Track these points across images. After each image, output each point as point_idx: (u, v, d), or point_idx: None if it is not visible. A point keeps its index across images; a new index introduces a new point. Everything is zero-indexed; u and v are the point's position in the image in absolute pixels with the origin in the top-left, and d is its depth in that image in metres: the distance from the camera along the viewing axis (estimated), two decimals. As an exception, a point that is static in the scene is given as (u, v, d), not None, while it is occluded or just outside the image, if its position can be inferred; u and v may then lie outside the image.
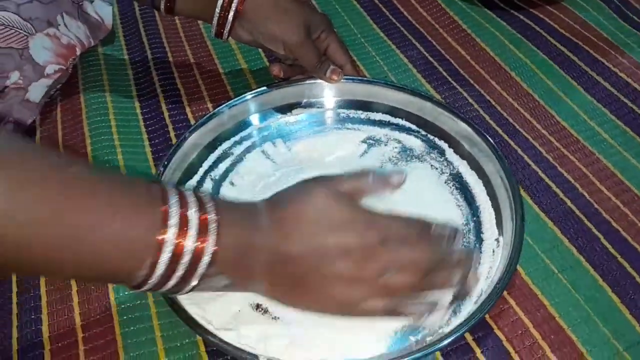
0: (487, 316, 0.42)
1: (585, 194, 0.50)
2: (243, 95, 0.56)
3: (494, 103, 0.59)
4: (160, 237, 0.32)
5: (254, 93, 0.56)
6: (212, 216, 0.34)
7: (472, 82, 0.62)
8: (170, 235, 0.32)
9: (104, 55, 0.67)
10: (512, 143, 0.55)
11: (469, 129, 0.51)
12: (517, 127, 0.57)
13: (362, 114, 0.57)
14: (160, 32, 0.70)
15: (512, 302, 0.43)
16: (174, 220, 0.32)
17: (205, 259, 0.33)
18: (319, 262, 0.36)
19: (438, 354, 0.40)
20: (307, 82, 0.57)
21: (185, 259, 0.32)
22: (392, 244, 0.37)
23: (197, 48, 0.68)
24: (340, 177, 0.40)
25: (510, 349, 0.40)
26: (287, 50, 0.54)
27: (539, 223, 0.48)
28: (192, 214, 0.33)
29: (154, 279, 0.33)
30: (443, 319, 0.40)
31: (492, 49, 0.66)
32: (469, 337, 0.41)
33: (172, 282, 0.33)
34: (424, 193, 0.48)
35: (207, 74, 0.64)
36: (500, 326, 0.42)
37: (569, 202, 0.50)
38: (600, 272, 0.45)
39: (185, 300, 0.40)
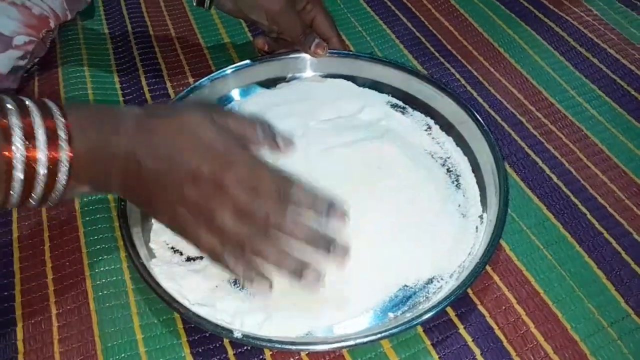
0: (470, 292, 0.41)
1: (572, 170, 0.49)
2: (225, 69, 0.54)
3: (481, 79, 0.58)
4: (6, 153, 0.30)
5: (236, 67, 0.55)
6: (59, 121, 0.32)
7: (459, 57, 0.61)
8: (17, 149, 0.30)
9: (84, 29, 0.65)
10: (498, 119, 0.54)
11: (456, 105, 0.50)
12: (505, 103, 0.56)
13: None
14: (141, 5, 0.68)
15: (496, 277, 0.42)
16: (17, 131, 0.30)
17: (63, 169, 0.32)
18: (168, 180, 0.34)
19: (420, 329, 0.40)
20: (292, 56, 0.56)
21: (41, 172, 0.31)
22: (242, 186, 0.35)
23: (178, 22, 0.66)
24: (230, 113, 0.39)
25: (494, 325, 0.40)
26: (270, 19, 0.52)
27: (525, 199, 0.47)
28: (37, 122, 0.31)
29: (13, 199, 0.31)
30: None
31: (480, 25, 0.65)
32: (452, 313, 0.40)
33: (33, 200, 0.32)
34: (409, 168, 0.47)
35: (189, 48, 0.62)
36: (484, 302, 0.41)
37: (555, 178, 0.49)
38: (586, 248, 0.44)
39: (161, 275, 0.39)
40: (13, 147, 0.30)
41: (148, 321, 0.40)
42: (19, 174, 0.31)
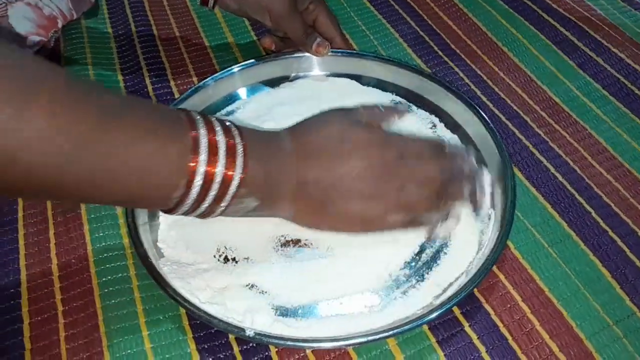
0: (476, 290, 0.41)
1: (577, 169, 0.49)
2: (229, 68, 0.54)
3: (485, 78, 0.58)
4: (192, 164, 0.33)
5: (241, 66, 0.55)
6: (238, 141, 0.35)
7: (463, 57, 0.61)
8: (201, 161, 0.33)
9: (87, 28, 0.65)
10: (503, 118, 0.54)
11: (461, 103, 0.50)
12: (509, 102, 0.56)
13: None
14: (144, 5, 0.68)
15: (501, 276, 0.42)
16: (203, 146, 0.33)
17: (235, 182, 0.34)
18: (338, 182, 0.38)
19: (426, 327, 0.40)
20: (295, 55, 0.56)
21: (216, 183, 0.33)
22: (408, 161, 0.40)
23: (182, 21, 0.66)
24: (356, 108, 0.44)
25: (499, 323, 0.40)
26: (273, 20, 0.52)
27: (530, 197, 0.47)
28: (220, 140, 0.34)
29: (187, 203, 0.34)
30: (454, 227, 0.42)
31: (484, 24, 0.65)
32: (457, 311, 0.40)
33: (204, 205, 0.34)
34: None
35: (193, 47, 0.63)
36: (489, 300, 0.41)
37: (560, 177, 0.49)
38: (590, 246, 0.44)
39: (171, 274, 0.39)
40: (199, 159, 0.33)
41: (154, 318, 0.40)
42: (197, 187, 0.33)
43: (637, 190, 0.48)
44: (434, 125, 0.51)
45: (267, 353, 0.38)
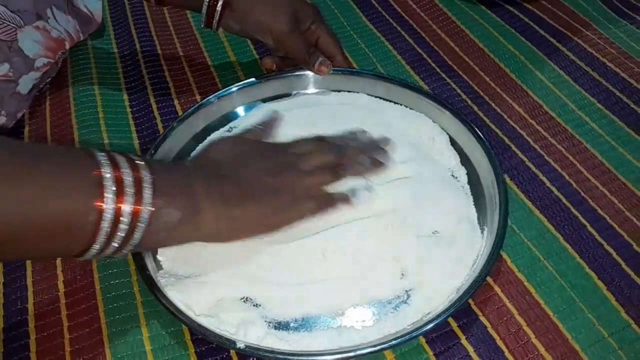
0: (472, 303, 0.42)
1: (572, 183, 0.50)
2: (231, 87, 0.56)
3: (482, 94, 0.59)
4: (98, 203, 0.32)
5: (243, 84, 0.56)
6: (145, 173, 0.35)
7: (460, 73, 0.62)
8: (108, 200, 0.32)
9: (93, 48, 0.67)
10: (499, 132, 0.55)
11: (456, 119, 0.51)
12: (505, 117, 0.57)
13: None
14: (149, 26, 0.70)
15: (497, 289, 0.43)
16: (109, 183, 0.32)
17: (144, 214, 0.34)
18: (244, 183, 0.41)
19: (423, 340, 0.40)
20: (296, 73, 0.57)
21: (126, 219, 0.33)
22: (298, 155, 0.45)
23: (186, 41, 0.68)
24: (240, 132, 0.52)
25: (496, 336, 0.40)
26: (275, 40, 0.54)
27: (526, 211, 0.48)
28: (126, 174, 0.33)
29: (97, 245, 0.33)
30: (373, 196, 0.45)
31: (481, 40, 0.66)
32: (454, 324, 0.41)
33: (114, 244, 0.34)
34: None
35: (196, 67, 0.64)
36: (485, 313, 0.42)
37: (555, 191, 0.50)
38: (586, 259, 0.45)
39: (168, 287, 0.40)
40: (105, 198, 0.32)
41: (157, 332, 0.41)
42: (106, 225, 0.32)
43: (632, 203, 0.48)
44: (433, 139, 0.52)
45: (267, 367, 0.39)
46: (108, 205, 0.32)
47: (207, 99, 0.55)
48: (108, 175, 0.33)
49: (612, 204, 0.48)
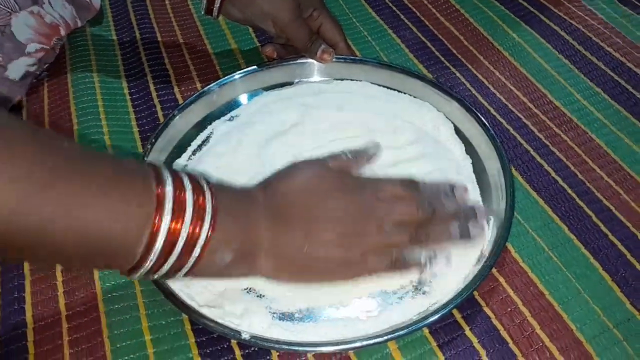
0: (476, 294, 0.42)
1: (577, 173, 0.50)
2: (233, 75, 0.55)
3: (486, 83, 0.59)
4: (155, 221, 0.31)
5: (244, 72, 0.55)
6: (208, 199, 0.33)
7: (464, 61, 0.61)
8: (165, 221, 0.31)
9: (92, 35, 0.66)
10: (504, 122, 0.54)
11: (461, 108, 0.51)
12: (510, 106, 0.56)
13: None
14: (149, 12, 0.69)
15: (501, 279, 0.42)
16: (168, 204, 0.31)
17: (201, 241, 0.32)
18: (314, 228, 0.37)
19: (427, 331, 0.40)
20: (299, 61, 0.56)
21: (180, 243, 0.32)
22: (384, 200, 0.39)
23: (186, 28, 0.67)
24: (324, 158, 0.42)
25: (500, 326, 0.40)
26: (277, 28, 0.53)
27: (530, 201, 0.48)
28: (189, 198, 0.32)
29: (148, 263, 0.32)
30: (444, 268, 0.40)
31: (485, 29, 0.65)
32: (457, 315, 0.41)
33: (167, 266, 0.32)
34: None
35: (197, 54, 0.63)
36: (489, 304, 0.41)
37: (560, 181, 0.49)
38: (591, 250, 0.44)
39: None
40: (163, 219, 0.31)
41: (156, 322, 0.40)
42: (158, 247, 0.31)
43: (637, 194, 0.48)
44: (437, 128, 0.51)
45: (268, 357, 0.39)
46: (164, 225, 0.31)
47: (208, 87, 0.54)
48: (169, 195, 0.31)
49: (617, 194, 0.48)
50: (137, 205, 0.31)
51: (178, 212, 0.31)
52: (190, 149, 0.51)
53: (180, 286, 0.39)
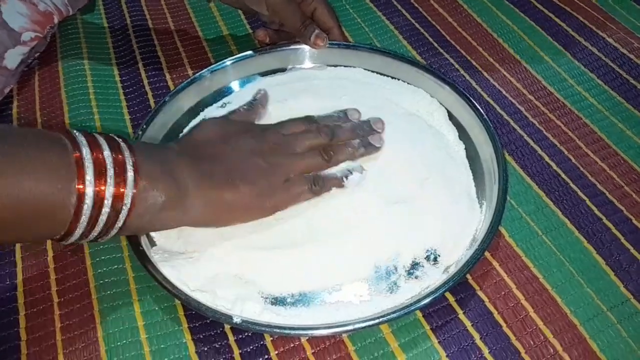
0: (470, 278, 0.42)
1: (571, 158, 0.49)
2: (224, 61, 0.54)
3: (480, 69, 0.58)
4: (78, 186, 0.31)
5: (236, 58, 0.55)
6: (127, 154, 0.34)
7: (458, 48, 0.61)
8: (88, 182, 0.32)
9: (83, 23, 0.65)
10: (497, 107, 0.54)
11: (454, 93, 0.50)
12: (503, 92, 0.56)
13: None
14: (140, -1, 0.68)
15: (495, 263, 0.42)
16: (89, 165, 0.32)
17: (128, 192, 0.33)
18: (233, 164, 0.39)
19: (420, 315, 0.40)
20: (291, 47, 0.56)
21: (109, 199, 0.32)
22: (289, 135, 0.44)
23: (177, 14, 0.66)
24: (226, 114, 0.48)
25: (494, 310, 0.40)
26: (270, 10, 0.52)
27: (524, 186, 0.47)
28: (107, 156, 0.33)
29: (79, 230, 0.32)
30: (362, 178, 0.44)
31: (479, 15, 0.65)
32: (451, 298, 0.40)
33: (97, 228, 0.33)
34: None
35: (188, 40, 0.63)
36: (483, 287, 0.41)
37: (554, 166, 0.49)
38: (585, 234, 0.44)
39: (162, 262, 0.39)
40: (86, 181, 0.32)
41: (149, 308, 0.40)
42: (87, 209, 0.32)
43: (631, 178, 0.48)
44: (431, 114, 0.51)
45: (262, 342, 0.39)
46: (88, 188, 0.32)
47: (199, 73, 0.53)
48: (88, 157, 0.32)
49: (611, 178, 0.48)
50: (58, 173, 0.31)
51: (99, 171, 0.32)
52: (181, 136, 0.50)
53: (172, 272, 0.39)
